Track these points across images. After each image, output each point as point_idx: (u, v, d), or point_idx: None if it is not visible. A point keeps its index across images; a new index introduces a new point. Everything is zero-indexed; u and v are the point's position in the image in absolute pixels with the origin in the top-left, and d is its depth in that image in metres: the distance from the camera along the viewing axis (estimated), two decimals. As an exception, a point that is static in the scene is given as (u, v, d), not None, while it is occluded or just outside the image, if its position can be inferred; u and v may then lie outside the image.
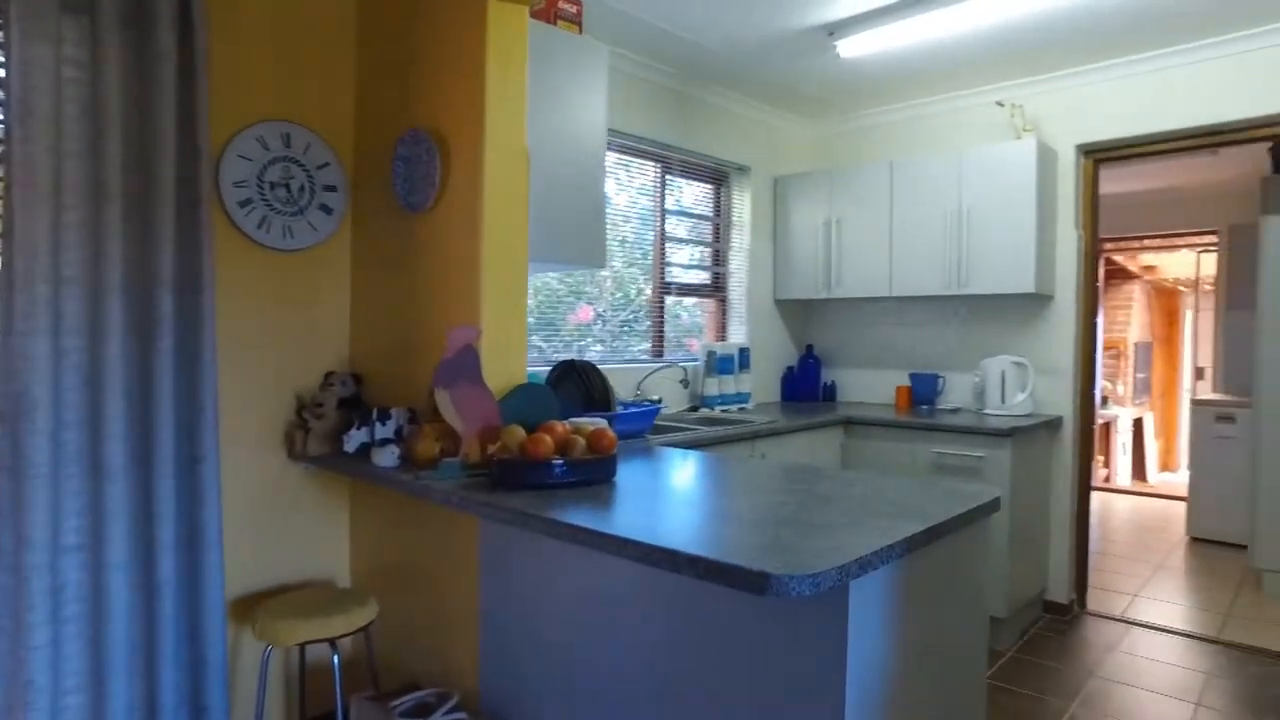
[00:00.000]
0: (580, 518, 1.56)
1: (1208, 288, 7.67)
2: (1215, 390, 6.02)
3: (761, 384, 4.39)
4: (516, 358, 2.26)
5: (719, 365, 3.96)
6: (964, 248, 3.71)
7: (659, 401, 3.62)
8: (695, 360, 3.99)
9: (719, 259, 4.33)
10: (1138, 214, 6.47)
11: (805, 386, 4.45)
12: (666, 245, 3.97)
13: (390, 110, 2.51)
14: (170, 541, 2.14)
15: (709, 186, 4.29)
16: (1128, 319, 8.91)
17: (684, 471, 2.16)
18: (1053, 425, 3.73)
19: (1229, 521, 5.02)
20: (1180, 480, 8.07)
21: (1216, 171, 5.57)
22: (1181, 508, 6.25)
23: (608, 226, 3.69)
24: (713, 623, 1.57)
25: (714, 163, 4.19)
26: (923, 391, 4.07)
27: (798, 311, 4.63)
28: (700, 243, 4.25)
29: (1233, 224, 5.88)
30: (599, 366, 2.91)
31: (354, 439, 2.29)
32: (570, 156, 2.62)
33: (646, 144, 3.76)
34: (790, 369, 4.49)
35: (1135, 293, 8.94)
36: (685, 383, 3.65)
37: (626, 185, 3.77)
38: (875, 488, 1.89)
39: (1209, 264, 7.25)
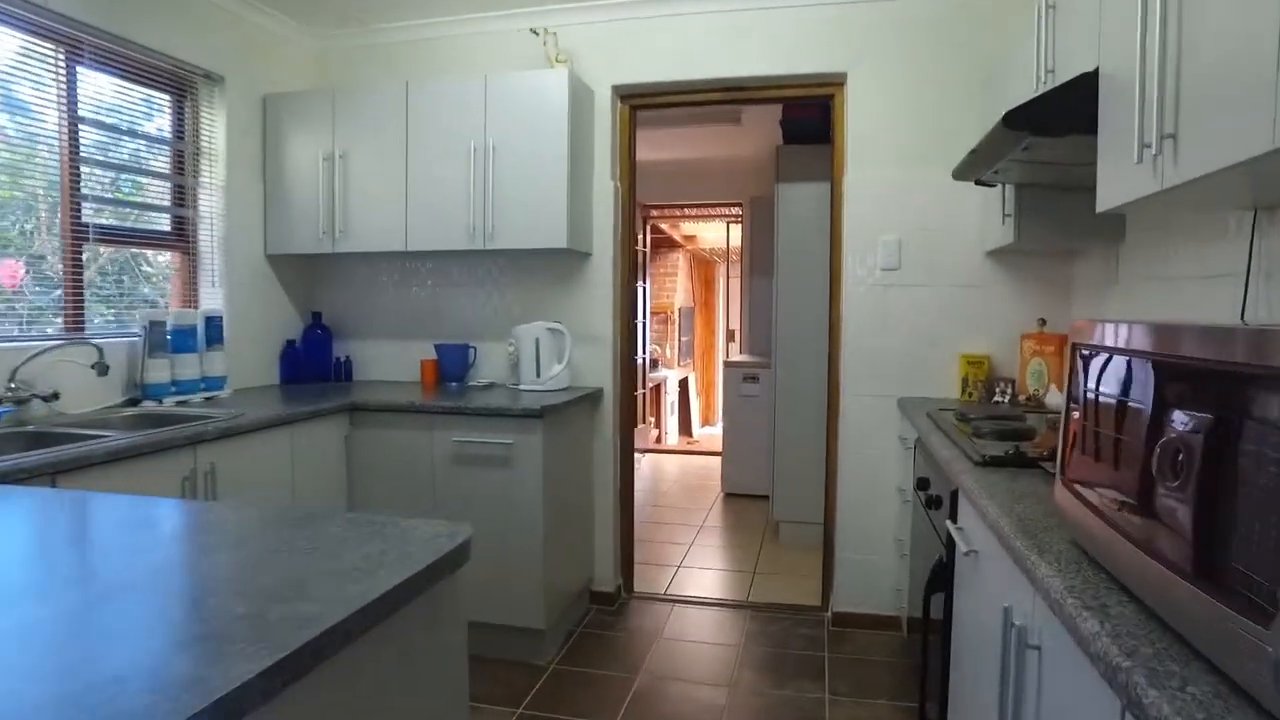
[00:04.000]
0: None
1: (736, 258, 8.36)
2: (743, 352, 6.45)
3: (253, 364, 3.36)
4: None
5: (173, 341, 2.85)
6: (490, 193, 3.10)
7: (55, 398, 2.43)
8: (134, 336, 2.82)
9: (184, 198, 3.17)
10: (677, 183, 6.65)
11: (313, 364, 3.53)
12: (85, 171, 2.72)
13: None
14: None
15: (165, 97, 3.10)
16: (674, 286, 9.46)
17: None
18: (593, 398, 3.34)
19: (755, 476, 5.31)
20: (720, 433, 8.83)
21: (740, 145, 5.85)
22: (720, 463, 6.65)
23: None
24: None
25: (170, 63, 3.01)
26: (452, 365, 3.42)
27: (300, 270, 3.66)
28: (153, 174, 3.05)
29: (753, 196, 6.28)
30: None
31: None
32: None
33: (35, 11, 2.47)
34: (292, 343, 3.52)
35: (680, 261, 9.54)
36: (102, 367, 2.50)
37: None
38: (250, 553, 1.10)
39: (737, 234, 7.84)
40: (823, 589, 3.43)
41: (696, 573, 3.96)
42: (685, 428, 8.91)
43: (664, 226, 8.46)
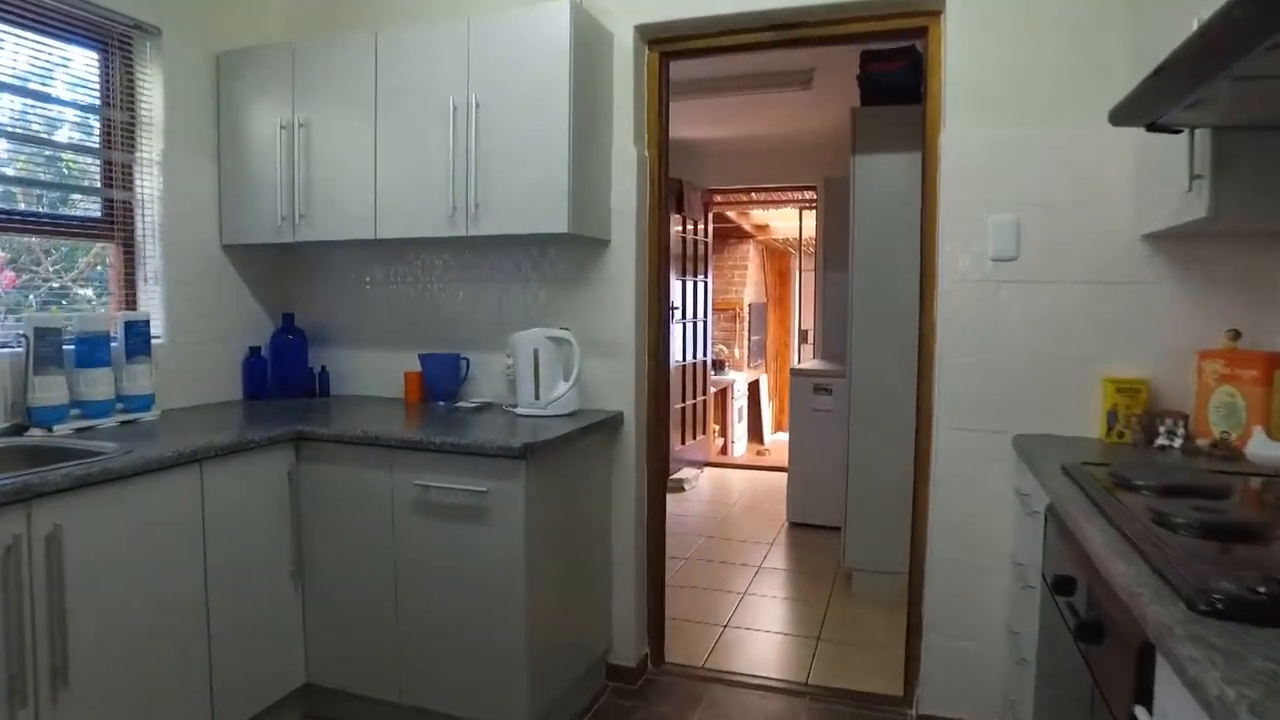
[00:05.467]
0: None
1: (810, 248, 7.51)
2: (816, 356, 5.64)
3: (205, 377, 2.79)
4: None
5: (76, 354, 2.28)
6: (473, 164, 2.43)
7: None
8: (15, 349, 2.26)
9: (115, 177, 2.62)
10: (741, 164, 5.87)
11: (283, 377, 2.94)
12: (-30, 140, 2.19)
13: None
14: None
15: (92, 54, 2.55)
16: (744, 280, 8.66)
17: None
18: (610, 425, 2.64)
19: (825, 505, 4.49)
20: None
21: (812, 116, 5.04)
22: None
23: None
24: None
25: (85, 9, 2.44)
26: (440, 380, 2.77)
27: (268, 264, 3.06)
28: (80, 148, 2.50)
29: (828, 177, 5.45)
30: None
31: None
32: None
33: None
34: (257, 351, 2.94)
35: (750, 253, 8.72)
36: (-50, 392, 1.95)
37: None
38: None
39: (811, 222, 7.00)
40: (905, 676, 2.64)
41: (747, 636, 3.21)
42: (755, 434, 8.12)
43: (731, 215, 7.67)
